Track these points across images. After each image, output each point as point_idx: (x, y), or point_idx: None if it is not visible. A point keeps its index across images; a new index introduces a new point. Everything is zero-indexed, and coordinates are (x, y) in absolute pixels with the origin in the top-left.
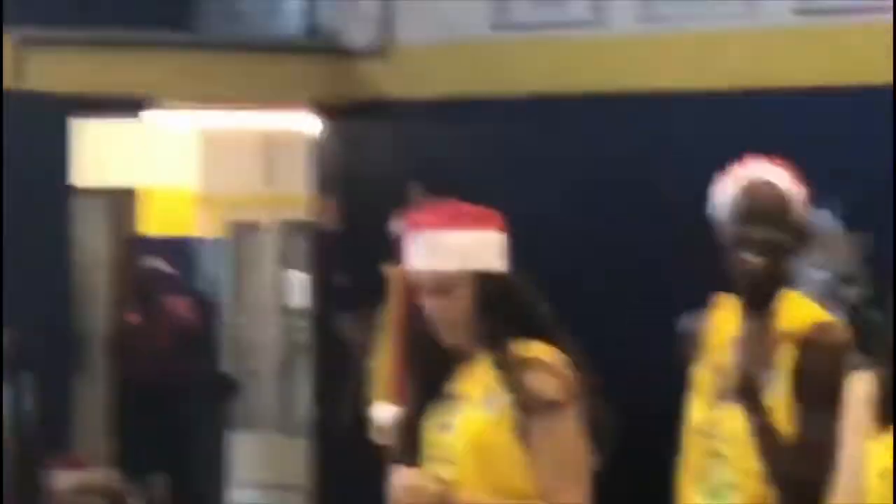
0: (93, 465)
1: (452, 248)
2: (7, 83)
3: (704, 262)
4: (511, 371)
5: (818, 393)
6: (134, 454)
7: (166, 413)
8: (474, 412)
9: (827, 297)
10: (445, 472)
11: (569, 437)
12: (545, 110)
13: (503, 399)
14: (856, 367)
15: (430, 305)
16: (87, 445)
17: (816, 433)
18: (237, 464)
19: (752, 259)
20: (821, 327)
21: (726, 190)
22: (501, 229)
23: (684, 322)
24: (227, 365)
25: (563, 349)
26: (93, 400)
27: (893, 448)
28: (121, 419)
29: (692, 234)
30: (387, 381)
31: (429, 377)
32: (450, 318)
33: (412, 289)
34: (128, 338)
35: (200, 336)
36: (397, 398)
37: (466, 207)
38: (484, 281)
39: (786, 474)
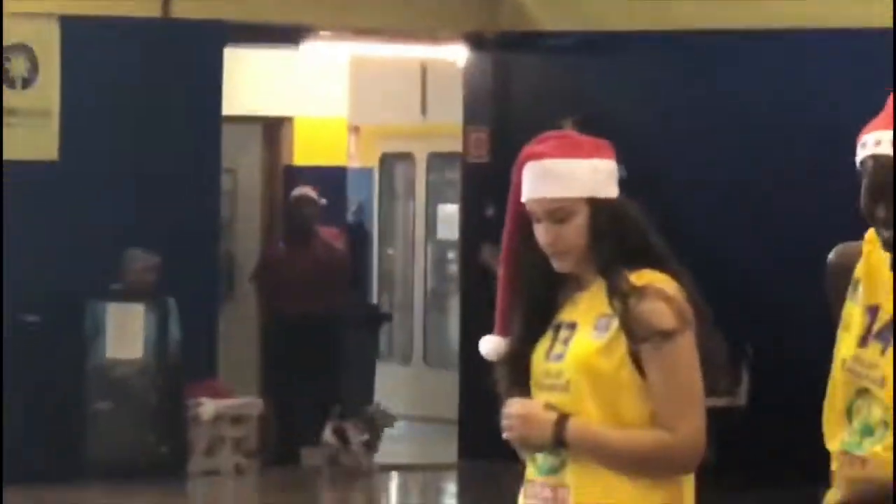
0: (239, 394)
1: (568, 175)
2: (157, 12)
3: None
4: (625, 299)
5: None
6: (281, 385)
7: (314, 343)
8: (586, 339)
9: None
10: (557, 401)
11: (683, 364)
12: (691, 45)
13: (615, 325)
14: None
15: (545, 234)
16: (233, 375)
17: None
18: (385, 395)
19: (885, 233)
20: None
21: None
22: (614, 158)
23: (834, 255)
24: (376, 296)
25: (677, 278)
26: (240, 328)
27: None
28: (268, 348)
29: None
30: (497, 310)
31: (539, 307)
32: (564, 245)
33: (526, 218)
34: (278, 267)
35: (352, 267)
36: (503, 329)
37: (580, 137)
38: (598, 208)
39: None
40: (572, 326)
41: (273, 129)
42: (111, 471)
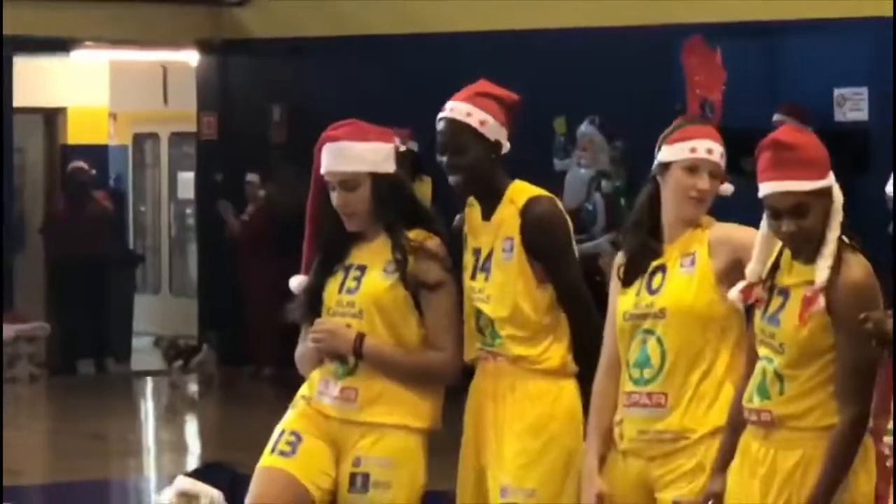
0: (30, 319)
1: (356, 154)
2: None
3: None
4: (405, 255)
5: None
6: (63, 312)
7: (89, 280)
8: (376, 278)
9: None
10: (351, 324)
11: (445, 305)
12: (376, 48)
13: (397, 272)
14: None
15: (337, 199)
16: (26, 305)
17: None
18: (140, 318)
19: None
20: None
21: None
22: (392, 141)
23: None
24: (133, 243)
25: (443, 237)
26: (31, 270)
27: None
28: (53, 284)
29: None
30: (303, 257)
31: (332, 254)
32: (352, 209)
33: (324, 186)
34: (59, 222)
35: (114, 221)
36: (307, 270)
37: (367, 125)
38: (379, 181)
39: None
40: (362, 269)
41: (52, 117)
42: None
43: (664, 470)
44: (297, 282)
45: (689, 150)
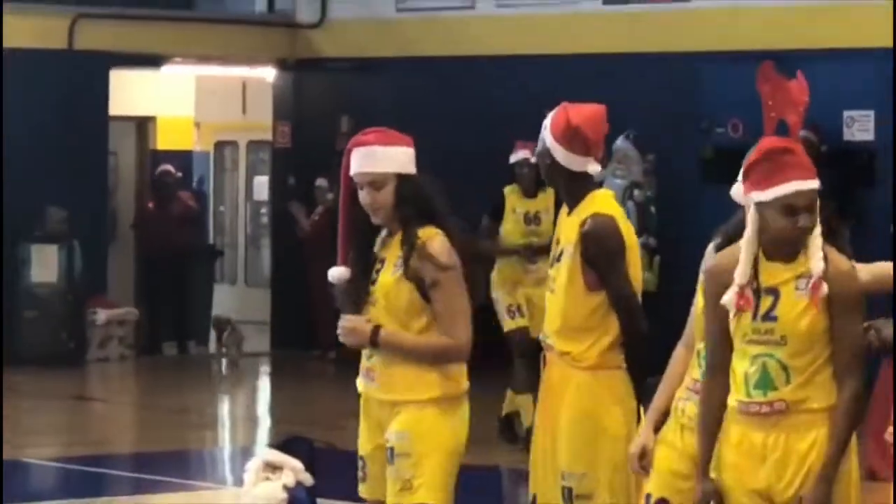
0: (121, 305)
1: (382, 156)
2: (63, 45)
3: None
4: (410, 252)
5: None
6: (150, 299)
7: (173, 271)
8: (388, 272)
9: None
10: (372, 314)
11: (448, 297)
12: (432, 67)
13: (402, 267)
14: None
15: (365, 197)
16: (118, 292)
17: None
18: (218, 306)
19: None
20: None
21: None
22: (412, 146)
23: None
24: (213, 238)
25: (450, 233)
26: (123, 262)
27: None
28: (141, 274)
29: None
30: (338, 250)
31: (365, 246)
32: (377, 205)
33: (354, 186)
34: (148, 219)
35: (197, 219)
36: (343, 261)
37: (392, 132)
38: (402, 181)
39: None
40: (382, 262)
41: (143, 125)
42: (36, 359)
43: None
44: (336, 273)
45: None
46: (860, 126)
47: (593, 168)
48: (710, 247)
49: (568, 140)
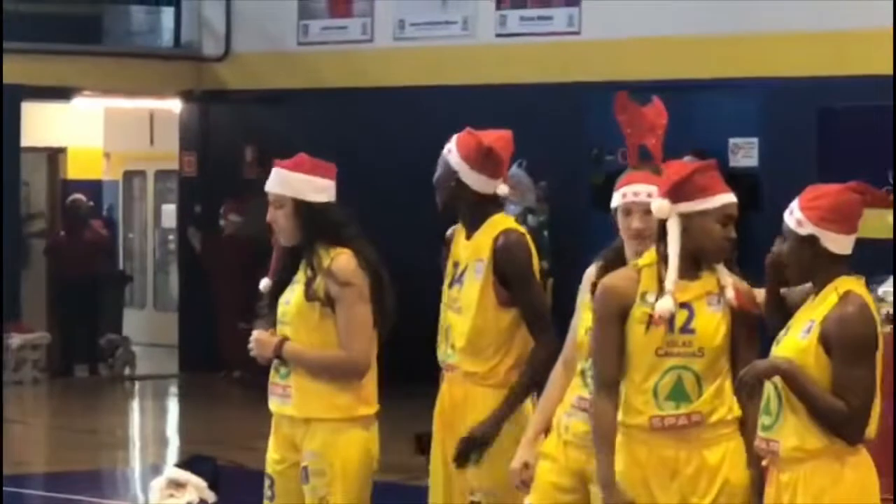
0: (35, 330)
1: (283, 180)
2: None
3: None
4: (314, 266)
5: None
6: (62, 323)
7: (83, 296)
8: (298, 291)
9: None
10: (286, 331)
11: (348, 315)
12: (335, 98)
13: (307, 285)
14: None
15: (269, 215)
16: (31, 317)
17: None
18: (128, 329)
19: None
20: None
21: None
22: (328, 176)
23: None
24: (122, 264)
25: (359, 253)
26: (35, 287)
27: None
28: (54, 299)
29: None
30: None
31: (286, 266)
32: (278, 225)
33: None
34: (60, 246)
35: (107, 245)
36: (272, 276)
37: (314, 161)
38: (302, 205)
39: None
40: (295, 282)
41: (54, 155)
42: None
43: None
44: (262, 284)
45: (622, 195)
46: (744, 153)
47: (502, 189)
48: (591, 269)
49: (479, 161)
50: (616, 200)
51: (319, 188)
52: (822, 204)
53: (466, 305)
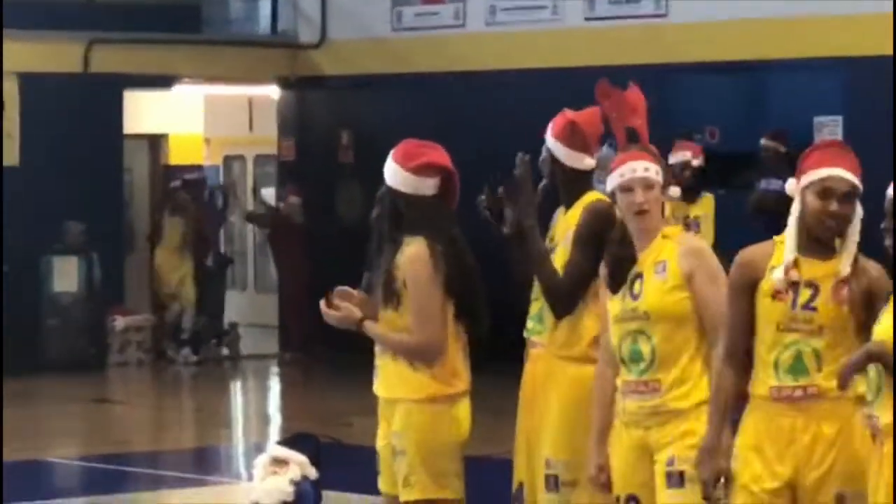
0: (138, 312)
1: (387, 171)
2: (79, 69)
3: None
4: (395, 252)
5: None
6: (166, 306)
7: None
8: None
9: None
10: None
11: (417, 299)
12: (425, 83)
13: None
14: None
15: None
16: (135, 300)
17: None
18: (230, 311)
19: None
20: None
21: None
22: (402, 164)
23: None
24: (224, 247)
25: (433, 243)
26: (139, 271)
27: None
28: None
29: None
30: None
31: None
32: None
33: None
34: (162, 231)
35: (209, 229)
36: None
37: (408, 152)
38: (391, 192)
39: None
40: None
41: (155, 142)
42: (59, 365)
43: (660, 434)
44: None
45: (619, 175)
46: (829, 131)
47: (589, 163)
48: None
49: (567, 136)
50: (613, 181)
51: (400, 177)
52: None
53: None
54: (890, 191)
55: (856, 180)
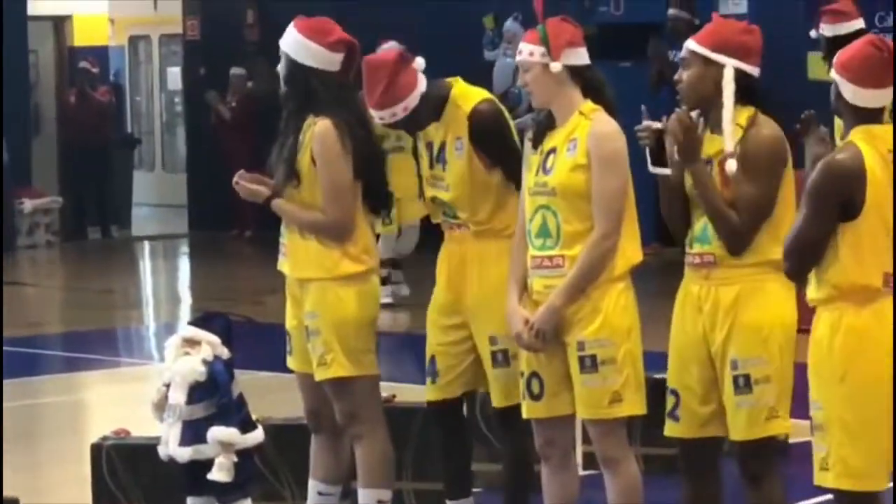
0: (46, 194)
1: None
2: None
3: None
4: (298, 129)
5: None
6: (73, 187)
7: (93, 160)
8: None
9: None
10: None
11: (333, 169)
12: None
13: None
14: None
15: None
16: (42, 182)
17: None
18: (138, 191)
19: None
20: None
21: None
22: (310, 38)
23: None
24: (131, 128)
25: (341, 120)
26: (46, 153)
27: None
28: (64, 164)
29: None
30: None
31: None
32: None
33: None
34: (70, 111)
35: (114, 110)
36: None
37: (324, 24)
38: (300, 68)
39: None
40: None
41: (60, 24)
42: None
43: (568, 313)
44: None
45: (518, 52)
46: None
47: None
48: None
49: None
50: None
51: (306, 52)
52: None
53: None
54: None
55: (696, 47)
